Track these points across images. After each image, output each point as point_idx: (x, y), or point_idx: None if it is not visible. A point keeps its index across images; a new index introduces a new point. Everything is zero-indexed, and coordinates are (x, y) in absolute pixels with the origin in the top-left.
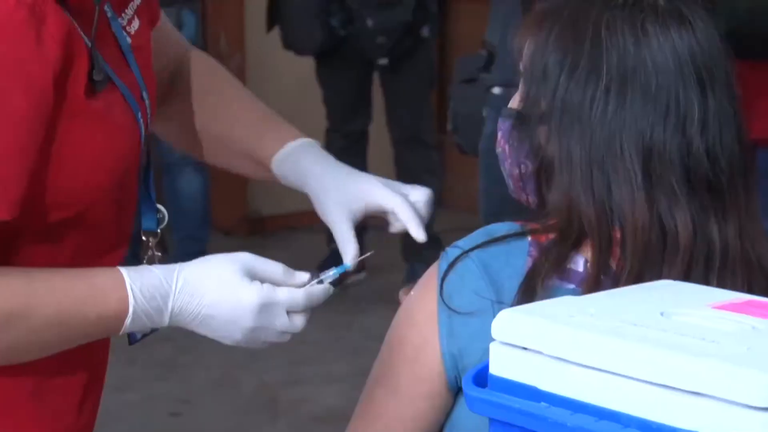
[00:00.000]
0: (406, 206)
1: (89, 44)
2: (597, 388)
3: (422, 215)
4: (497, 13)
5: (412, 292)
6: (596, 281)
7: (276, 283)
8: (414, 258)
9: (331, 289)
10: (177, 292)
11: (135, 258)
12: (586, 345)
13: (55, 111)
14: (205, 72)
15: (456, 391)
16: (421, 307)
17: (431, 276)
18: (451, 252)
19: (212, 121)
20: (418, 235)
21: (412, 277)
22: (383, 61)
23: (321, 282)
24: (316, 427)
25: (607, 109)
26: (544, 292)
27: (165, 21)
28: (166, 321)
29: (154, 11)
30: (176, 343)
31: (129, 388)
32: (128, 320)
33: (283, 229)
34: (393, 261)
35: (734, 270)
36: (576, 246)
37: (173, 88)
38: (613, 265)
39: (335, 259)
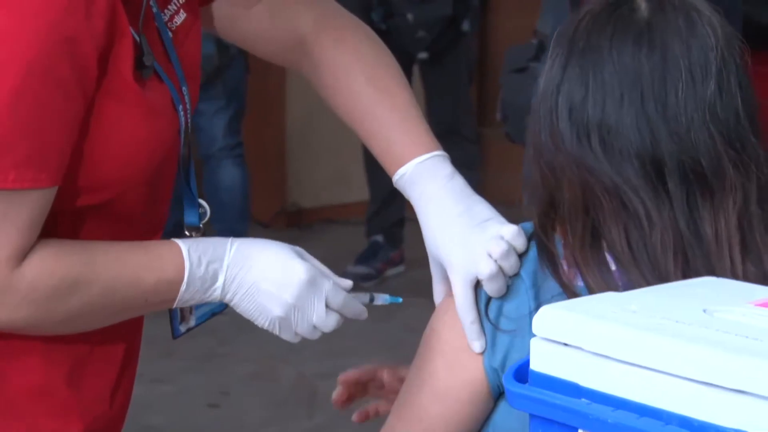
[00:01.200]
0: (489, 280)
1: (136, 35)
2: (638, 384)
3: (513, 255)
4: (548, 3)
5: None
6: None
7: (324, 276)
8: None
9: (365, 312)
10: (231, 256)
11: None
12: (628, 341)
13: (97, 88)
14: (331, 32)
15: (498, 395)
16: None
17: None
18: None
19: (341, 106)
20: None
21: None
22: (423, 55)
23: (372, 299)
24: (351, 421)
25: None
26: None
27: None
28: (218, 288)
29: None
30: (214, 335)
31: (166, 379)
32: (183, 286)
33: (321, 221)
34: None
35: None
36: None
37: (300, 47)
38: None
39: (373, 251)
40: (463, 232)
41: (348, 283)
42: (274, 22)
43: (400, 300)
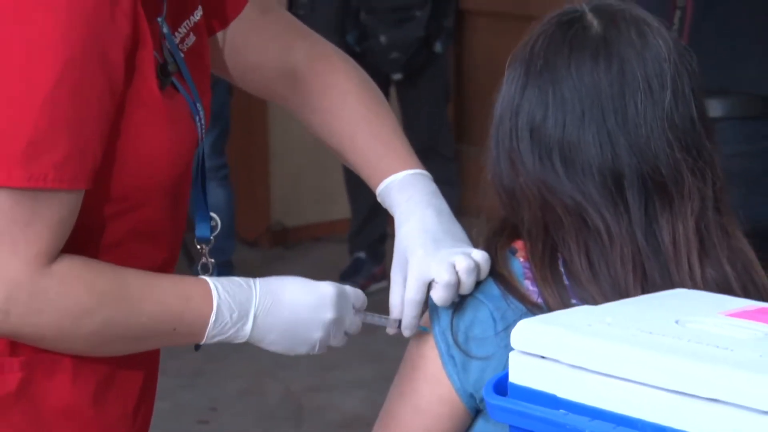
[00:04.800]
0: (442, 286)
1: (163, 54)
2: (614, 395)
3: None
4: None
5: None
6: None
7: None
8: None
9: (359, 329)
10: (258, 293)
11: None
12: (604, 353)
13: (124, 92)
14: (320, 64)
15: (476, 412)
16: (431, 347)
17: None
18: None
19: (328, 130)
20: (389, 330)
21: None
22: (398, 75)
23: (400, 324)
24: None
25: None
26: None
27: (270, 9)
28: (248, 330)
29: (228, 8)
30: (204, 352)
31: (158, 397)
32: (213, 317)
33: (306, 239)
34: None
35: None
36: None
37: (291, 77)
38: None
39: (356, 267)
40: (436, 241)
41: (360, 292)
42: (268, 53)
43: (427, 329)
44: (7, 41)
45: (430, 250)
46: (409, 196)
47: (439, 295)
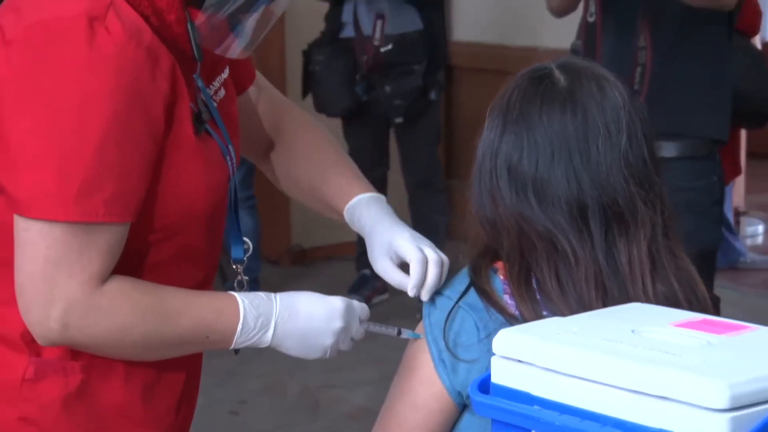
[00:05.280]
0: (418, 263)
1: (198, 105)
2: (580, 393)
3: (434, 273)
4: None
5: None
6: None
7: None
8: None
9: (363, 335)
10: (278, 306)
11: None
12: (571, 358)
13: (164, 139)
14: (301, 128)
15: (463, 407)
16: (425, 352)
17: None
18: (440, 301)
19: (305, 172)
20: (411, 291)
21: None
22: (399, 119)
23: (400, 332)
24: (349, 424)
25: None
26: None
27: (262, 79)
28: (270, 336)
29: (244, 78)
30: (233, 355)
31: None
32: (240, 327)
33: (320, 259)
34: None
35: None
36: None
37: (277, 137)
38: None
39: (362, 282)
40: (411, 233)
41: (364, 305)
42: (263, 123)
43: (420, 336)
44: (64, 98)
45: (413, 235)
46: (376, 209)
47: (433, 272)
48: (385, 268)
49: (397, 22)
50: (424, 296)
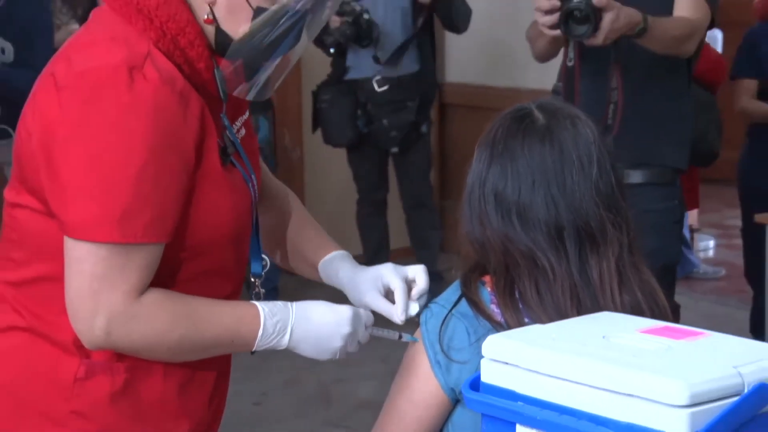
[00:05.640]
0: (401, 290)
1: (223, 140)
2: (559, 391)
3: (421, 286)
4: None
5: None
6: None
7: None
8: None
9: (368, 338)
10: (294, 313)
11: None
12: (550, 360)
13: (195, 172)
14: (284, 198)
15: (456, 402)
16: (422, 354)
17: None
18: (435, 309)
19: (290, 236)
20: (397, 319)
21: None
22: (395, 149)
23: (401, 337)
24: (357, 413)
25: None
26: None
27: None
28: (287, 339)
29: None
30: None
31: None
32: (260, 331)
33: None
34: None
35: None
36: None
37: (265, 204)
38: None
39: None
40: (396, 266)
41: (369, 312)
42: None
43: (418, 340)
44: (108, 137)
45: (396, 267)
46: (350, 262)
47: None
48: (375, 298)
49: (394, 66)
50: (397, 319)
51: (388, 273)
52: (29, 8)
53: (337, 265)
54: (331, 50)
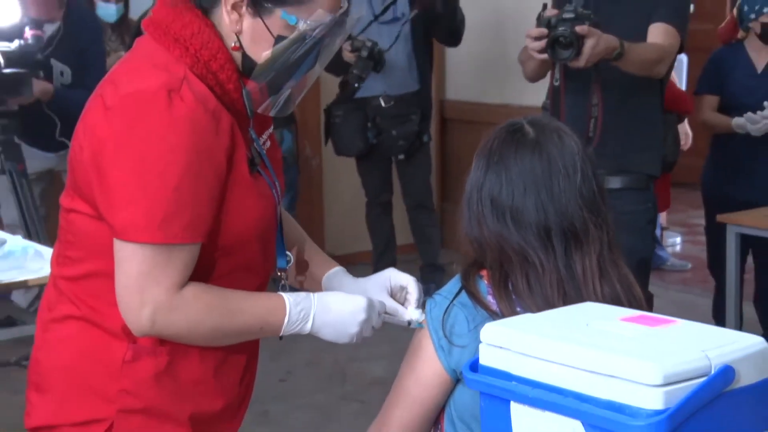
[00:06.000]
0: (415, 285)
1: (251, 152)
2: (548, 372)
3: (415, 294)
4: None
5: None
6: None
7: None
8: (428, 280)
9: (381, 324)
10: (316, 305)
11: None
12: (540, 345)
13: (227, 180)
14: (293, 223)
15: (456, 381)
16: (427, 339)
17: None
18: (439, 300)
19: (309, 252)
20: (411, 314)
21: (426, 292)
22: (401, 156)
23: (410, 323)
24: (370, 388)
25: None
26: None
27: None
28: (309, 325)
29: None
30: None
31: None
32: (286, 319)
33: (346, 264)
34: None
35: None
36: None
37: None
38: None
39: None
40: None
41: (382, 301)
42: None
43: (424, 326)
44: (150, 151)
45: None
46: (351, 276)
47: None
48: (386, 299)
49: (398, 85)
50: (412, 314)
51: (395, 274)
52: (85, 37)
53: (340, 277)
54: (356, 85)
